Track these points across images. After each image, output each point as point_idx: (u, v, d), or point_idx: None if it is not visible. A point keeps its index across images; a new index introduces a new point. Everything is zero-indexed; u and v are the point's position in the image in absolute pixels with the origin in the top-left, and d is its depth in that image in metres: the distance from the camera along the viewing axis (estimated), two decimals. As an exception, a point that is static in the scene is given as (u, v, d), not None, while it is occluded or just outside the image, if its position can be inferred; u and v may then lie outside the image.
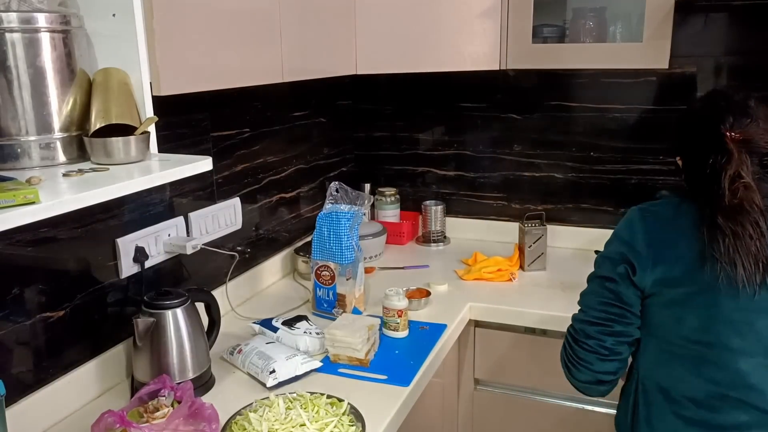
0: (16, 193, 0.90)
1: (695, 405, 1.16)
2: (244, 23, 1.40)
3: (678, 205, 1.25)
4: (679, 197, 1.28)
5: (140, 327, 1.35)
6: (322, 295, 1.80)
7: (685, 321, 1.17)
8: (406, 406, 1.42)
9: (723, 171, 1.15)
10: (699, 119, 1.25)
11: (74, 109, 1.15)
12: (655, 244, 1.21)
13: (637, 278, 1.21)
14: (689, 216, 1.20)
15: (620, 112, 2.19)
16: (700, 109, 1.28)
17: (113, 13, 1.16)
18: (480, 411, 1.96)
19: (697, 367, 1.16)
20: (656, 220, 1.24)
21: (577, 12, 2.05)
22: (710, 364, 1.15)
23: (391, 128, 2.51)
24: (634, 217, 1.27)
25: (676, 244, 1.19)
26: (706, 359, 1.15)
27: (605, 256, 1.29)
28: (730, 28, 2.02)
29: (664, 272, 1.18)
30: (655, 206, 1.28)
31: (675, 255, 1.18)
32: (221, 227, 1.82)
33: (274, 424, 1.23)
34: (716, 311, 1.13)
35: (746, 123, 1.17)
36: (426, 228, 2.42)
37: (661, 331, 1.21)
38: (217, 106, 1.76)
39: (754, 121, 1.17)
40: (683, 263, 1.17)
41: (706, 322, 1.15)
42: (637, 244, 1.23)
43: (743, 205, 1.13)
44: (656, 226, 1.23)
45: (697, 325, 1.15)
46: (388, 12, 1.93)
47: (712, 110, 1.22)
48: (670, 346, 1.20)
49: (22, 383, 1.29)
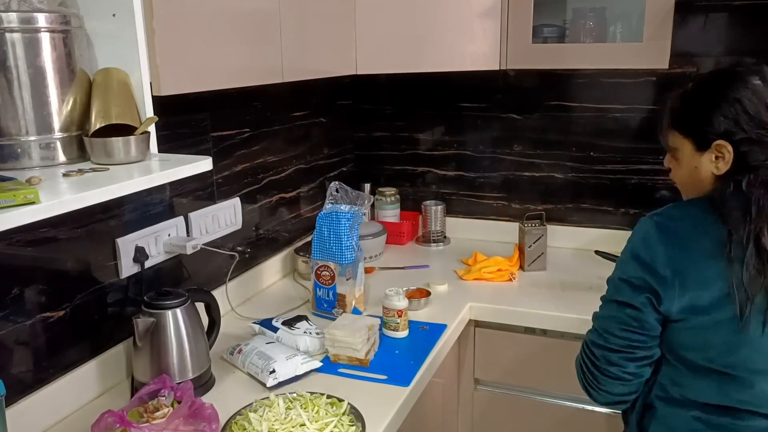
0: (16, 193, 0.90)
1: (717, 414, 1.13)
2: (244, 23, 1.40)
3: (696, 216, 1.14)
4: (694, 205, 1.16)
5: (140, 327, 1.35)
6: (322, 295, 1.80)
7: (711, 344, 1.11)
8: (406, 406, 1.42)
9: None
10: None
11: (74, 109, 1.15)
12: (680, 270, 1.10)
13: (663, 307, 1.12)
14: (714, 233, 1.09)
15: (620, 112, 2.19)
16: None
17: (113, 13, 1.16)
18: (480, 411, 1.96)
19: (721, 385, 1.12)
20: (677, 237, 1.12)
21: (577, 12, 2.05)
22: (735, 383, 1.11)
23: (391, 128, 2.51)
24: (651, 234, 1.13)
25: (702, 267, 1.10)
26: (731, 379, 1.11)
27: (624, 279, 1.16)
28: (730, 28, 2.02)
29: (691, 300, 1.10)
30: (672, 220, 1.15)
31: (702, 280, 1.09)
32: (221, 227, 1.82)
33: (274, 424, 1.23)
34: (744, 336, 1.08)
35: None
36: (426, 228, 2.42)
37: (684, 350, 1.15)
38: (217, 106, 1.76)
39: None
40: (711, 290, 1.09)
41: (732, 346, 1.10)
42: (659, 267, 1.11)
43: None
44: (678, 245, 1.11)
45: (724, 349, 1.10)
46: (388, 12, 1.93)
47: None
48: (694, 364, 1.14)
49: (22, 383, 1.29)
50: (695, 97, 1.15)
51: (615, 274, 1.20)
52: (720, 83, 1.12)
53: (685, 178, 1.20)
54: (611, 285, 1.21)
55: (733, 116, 1.09)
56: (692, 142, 1.15)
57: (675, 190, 2.20)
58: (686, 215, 1.15)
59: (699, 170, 1.16)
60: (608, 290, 1.22)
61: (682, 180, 1.22)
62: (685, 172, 1.20)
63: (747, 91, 1.09)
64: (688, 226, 1.13)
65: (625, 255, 1.18)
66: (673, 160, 1.22)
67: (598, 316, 1.23)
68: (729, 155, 1.10)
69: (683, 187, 1.24)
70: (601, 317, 1.22)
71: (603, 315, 1.21)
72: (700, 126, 1.13)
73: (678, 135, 1.18)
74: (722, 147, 1.10)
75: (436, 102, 2.42)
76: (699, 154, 1.15)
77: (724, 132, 1.10)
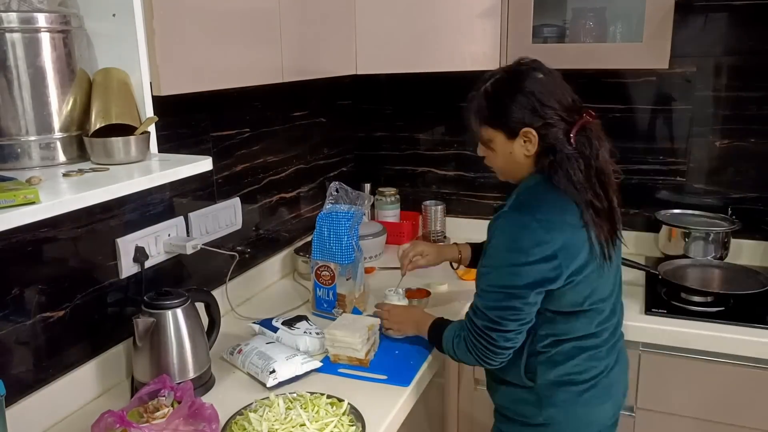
0: (16, 193, 0.90)
1: (586, 339, 1.36)
2: (244, 23, 1.40)
3: (552, 198, 1.30)
4: (542, 187, 1.32)
5: (140, 327, 1.35)
6: (322, 295, 1.80)
7: (582, 294, 1.32)
8: (406, 406, 1.42)
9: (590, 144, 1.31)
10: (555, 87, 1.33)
11: (74, 109, 1.15)
12: (564, 249, 1.26)
13: (554, 286, 1.28)
14: (567, 206, 1.29)
15: (620, 112, 2.19)
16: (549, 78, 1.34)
17: (113, 13, 1.16)
18: (480, 411, 1.96)
19: (589, 319, 1.35)
20: (552, 223, 1.27)
21: (577, 12, 2.05)
22: (595, 313, 1.35)
23: (391, 128, 2.51)
24: (534, 228, 1.26)
25: (575, 239, 1.28)
26: (594, 312, 1.35)
27: (526, 272, 1.27)
28: (730, 28, 2.02)
29: (573, 268, 1.28)
30: (543, 210, 1.28)
31: (576, 248, 1.28)
32: (221, 227, 1.82)
33: (274, 424, 1.23)
34: (600, 279, 1.33)
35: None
36: (426, 228, 2.42)
37: (562, 306, 1.32)
38: (217, 106, 1.76)
39: None
40: (582, 253, 1.28)
41: (595, 289, 1.33)
42: (551, 257, 1.26)
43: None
44: (557, 229, 1.27)
45: (590, 293, 1.32)
46: (389, 12, 1.93)
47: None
48: (569, 312, 1.33)
49: (22, 383, 1.29)
50: (497, 95, 1.33)
51: (502, 270, 1.29)
52: (514, 80, 1.32)
53: (503, 163, 1.38)
54: (499, 274, 1.30)
55: (531, 106, 1.29)
56: (503, 133, 1.34)
57: (675, 189, 2.21)
58: (546, 200, 1.30)
59: (513, 155, 1.34)
60: (493, 279, 1.31)
61: (500, 165, 1.40)
62: (501, 159, 1.37)
63: (537, 84, 1.30)
64: (556, 210, 1.29)
65: (515, 254, 1.27)
66: (488, 150, 1.39)
67: (488, 306, 1.31)
68: (534, 138, 1.30)
69: (502, 171, 1.42)
70: (492, 308, 1.30)
71: (493, 306, 1.30)
72: (507, 118, 1.32)
73: (489, 129, 1.35)
74: (527, 133, 1.31)
75: (436, 102, 2.42)
76: (510, 142, 1.33)
77: (526, 120, 1.30)
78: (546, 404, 1.37)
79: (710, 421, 1.73)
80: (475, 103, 1.36)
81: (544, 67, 1.35)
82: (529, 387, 1.38)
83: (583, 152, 1.30)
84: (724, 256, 2.05)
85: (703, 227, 2.06)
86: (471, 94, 1.38)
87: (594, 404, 1.38)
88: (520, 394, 1.40)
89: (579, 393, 1.36)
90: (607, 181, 1.32)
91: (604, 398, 1.39)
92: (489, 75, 1.37)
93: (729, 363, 1.68)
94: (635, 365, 1.76)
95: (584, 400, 1.37)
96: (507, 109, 1.31)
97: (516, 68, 1.35)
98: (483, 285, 1.33)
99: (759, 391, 1.67)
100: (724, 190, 2.13)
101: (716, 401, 1.72)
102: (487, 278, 1.32)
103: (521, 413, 1.41)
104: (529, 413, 1.39)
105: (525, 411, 1.40)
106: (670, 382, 1.75)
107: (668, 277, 1.89)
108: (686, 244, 2.05)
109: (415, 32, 1.94)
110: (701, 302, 1.81)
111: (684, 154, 2.15)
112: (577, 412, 1.37)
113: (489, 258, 1.32)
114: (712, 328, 1.69)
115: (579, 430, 1.40)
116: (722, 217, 2.09)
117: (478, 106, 1.36)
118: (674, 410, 1.76)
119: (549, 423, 1.38)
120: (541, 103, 1.30)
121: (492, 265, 1.31)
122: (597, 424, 1.41)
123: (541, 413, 1.38)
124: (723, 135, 2.09)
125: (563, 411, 1.37)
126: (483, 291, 1.33)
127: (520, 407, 1.41)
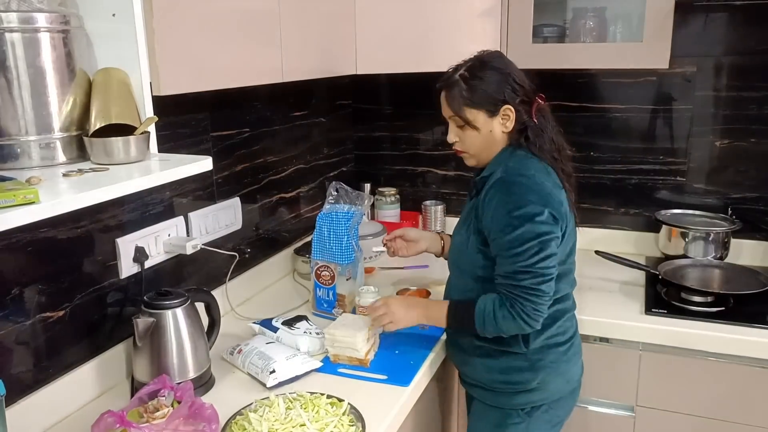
0: (16, 193, 0.90)
1: (563, 301, 1.50)
2: (244, 23, 1.40)
3: (537, 165, 1.43)
4: (526, 158, 1.43)
5: (140, 327, 1.35)
6: (322, 295, 1.80)
7: (566, 252, 1.46)
8: (406, 406, 1.42)
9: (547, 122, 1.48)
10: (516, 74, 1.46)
11: (74, 109, 1.15)
12: (558, 206, 1.39)
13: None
14: (550, 173, 1.44)
15: (620, 112, 2.19)
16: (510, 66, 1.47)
17: (113, 13, 1.16)
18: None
19: (567, 280, 1.50)
20: (547, 186, 1.39)
21: (577, 12, 2.05)
22: (571, 274, 1.51)
23: (391, 128, 2.51)
24: (542, 189, 1.38)
25: (561, 199, 1.42)
26: (568, 271, 1.50)
27: (546, 217, 1.37)
28: (730, 28, 2.02)
29: (564, 225, 1.41)
30: (536, 171, 1.41)
31: (564, 208, 1.42)
32: (221, 227, 1.82)
33: (274, 424, 1.23)
34: (574, 238, 1.49)
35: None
36: (426, 228, 2.42)
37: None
38: (217, 106, 1.76)
39: None
40: (567, 213, 1.43)
41: (572, 248, 1.48)
42: (557, 211, 1.39)
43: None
44: (553, 191, 1.40)
45: (570, 252, 1.48)
46: (388, 12, 1.93)
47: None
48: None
49: (22, 383, 1.29)
50: (476, 77, 1.43)
51: (525, 225, 1.36)
52: (490, 63, 1.44)
53: (482, 142, 1.46)
54: (524, 230, 1.35)
55: (509, 84, 1.43)
56: (485, 112, 1.43)
57: (675, 189, 2.21)
58: (532, 164, 1.42)
59: (493, 132, 1.45)
60: (520, 236, 1.36)
61: (478, 145, 1.47)
62: (481, 137, 1.46)
63: (510, 66, 1.45)
64: (543, 171, 1.42)
65: (531, 206, 1.36)
66: (467, 131, 1.46)
67: (528, 263, 1.36)
68: (512, 114, 1.43)
69: (479, 151, 1.48)
70: (533, 262, 1.36)
71: (534, 260, 1.36)
72: (489, 96, 1.42)
73: (472, 110, 1.44)
74: (507, 110, 1.43)
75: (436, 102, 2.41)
76: (491, 120, 1.44)
77: (507, 98, 1.42)
78: (538, 367, 1.46)
79: (710, 421, 1.73)
80: (455, 89, 1.44)
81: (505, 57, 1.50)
82: (522, 353, 1.45)
83: (543, 128, 1.46)
84: (724, 256, 2.05)
85: (703, 227, 2.06)
86: (440, 84, 1.48)
87: (573, 362, 1.52)
88: (513, 362, 1.46)
89: (563, 353, 1.48)
90: (567, 156, 1.50)
91: (579, 355, 1.56)
92: (458, 65, 1.47)
93: (729, 363, 1.68)
94: (635, 365, 1.76)
95: (567, 358, 1.49)
96: (488, 88, 1.42)
97: (485, 55, 1.47)
98: (510, 247, 1.37)
99: (759, 391, 1.67)
100: (724, 190, 2.13)
101: (716, 401, 1.72)
102: (512, 239, 1.36)
103: (515, 381, 1.47)
104: (524, 379, 1.46)
105: (519, 378, 1.47)
106: (670, 382, 1.75)
107: (668, 277, 1.89)
108: (686, 244, 2.05)
109: (415, 32, 1.94)
110: (701, 302, 1.81)
111: (684, 154, 2.15)
112: (562, 370, 1.49)
113: (503, 221, 1.37)
114: (712, 328, 1.69)
115: (562, 388, 1.51)
116: (722, 217, 2.09)
117: (457, 90, 1.43)
118: (674, 410, 1.76)
119: (540, 386, 1.47)
120: (515, 81, 1.43)
121: (512, 225, 1.36)
122: (573, 381, 1.54)
123: (536, 377, 1.46)
124: (723, 135, 2.09)
125: (552, 372, 1.47)
126: (514, 253, 1.36)
127: (515, 375, 1.47)
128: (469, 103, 1.43)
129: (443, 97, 1.48)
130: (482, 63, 1.45)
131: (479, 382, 1.53)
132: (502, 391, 1.50)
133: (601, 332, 1.77)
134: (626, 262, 1.93)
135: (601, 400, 1.82)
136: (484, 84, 1.42)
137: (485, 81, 1.42)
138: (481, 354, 1.49)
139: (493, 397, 1.52)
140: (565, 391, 1.52)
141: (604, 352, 1.78)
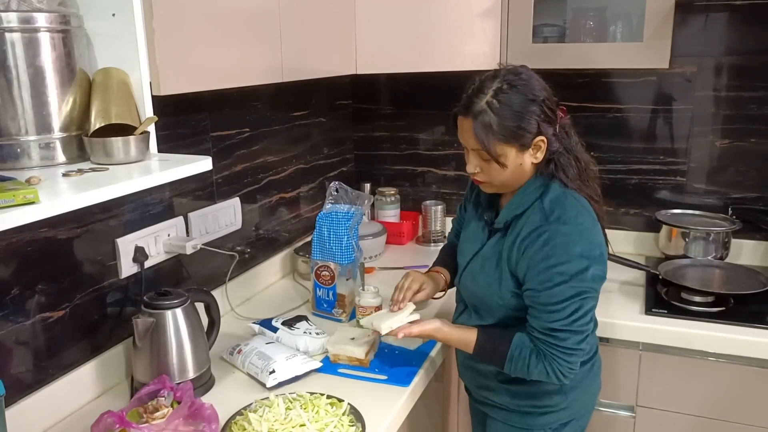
0: (15, 193, 0.90)
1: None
2: (244, 23, 1.40)
3: (575, 203, 1.31)
4: (562, 194, 1.31)
5: (140, 327, 1.35)
6: (322, 295, 1.80)
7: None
8: (406, 406, 1.42)
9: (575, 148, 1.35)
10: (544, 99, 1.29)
11: (74, 109, 1.15)
12: (604, 248, 1.32)
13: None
14: (587, 206, 1.33)
15: (620, 112, 2.19)
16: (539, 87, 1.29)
17: (113, 13, 1.16)
18: (480, 411, 1.95)
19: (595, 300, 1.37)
20: (594, 228, 1.30)
21: (577, 12, 2.05)
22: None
23: (391, 128, 2.51)
24: (591, 233, 1.29)
25: (601, 234, 1.33)
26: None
27: (591, 273, 1.26)
28: (730, 28, 2.02)
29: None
30: (582, 217, 1.29)
31: (604, 241, 1.34)
32: (221, 227, 1.82)
33: (274, 425, 1.23)
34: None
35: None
36: (426, 228, 2.42)
37: None
38: (217, 106, 1.76)
39: None
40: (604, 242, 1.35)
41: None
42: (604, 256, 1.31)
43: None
44: (597, 230, 1.32)
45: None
46: (388, 12, 1.93)
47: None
48: None
49: (22, 383, 1.29)
50: (508, 109, 1.24)
51: (568, 282, 1.24)
52: (521, 89, 1.25)
53: (509, 175, 1.31)
54: (567, 286, 1.24)
55: (543, 114, 1.26)
56: (516, 147, 1.27)
57: (675, 189, 2.21)
58: (572, 206, 1.29)
59: (523, 165, 1.30)
60: (562, 293, 1.25)
61: (505, 179, 1.32)
62: (509, 172, 1.30)
63: (542, 90, 1.27)
64: (584, 212, 1.30)
65: (576, 261, 1.24)
66: (488, 165, 1.30)
67: (569, 320, 1.26)
68: (545, 145, 1.29)
69: (504, 184, 1.34)
70: (573, 320, 1.26)
71: (574, 318, 1.26)
72: (521, 132, 1.25)
73: (504, 146, 1.26)
74: (540, 142, 1.28)
75: (436, 102, 2.42)
76: (522, 154, 1.28)
77: (541, 130, 1.27)
78: (568, 389, 1.41)
79: (710, 421, 1.73)
80: (481, 119, 1.24)
81: (530, 70, 1.32)
82: None
83: (568, 148, 1.33)
84: (725, 256, 2.05)
85: (703, 227, 2.06)
86: (461, 111, 1.28)
87: (596, 376, 1.49)
88: (543, 387, 1.39)
89: (588, 370, 1.44)
90: (593, 175, 1.38)
91: (599, 369, 1.51)
92: (480, 86, 1.27)
93: (729, 363, 1.68)
94: (636, 365, 1.76)
95: (593, 374, 1.47)
96: (521, 121, 1.24)
97: (512, 77, 1.27)
98: (547, 303, 1.26)
99: (759, 391, 1.67)
100: (724, 190, 2.13)
101: (717, 401, 1.71)
102: (551, 295, 1.25)
103: (544, 405, 1.42)
104: (553, 402, 1.42)
105: (549, 402, 1.42)
106: (670, 382, 1.74)
107: (668, 277, 1.89)
108: (686, 244, 2.05)
109: (415, 32, 1.94)
110: (701, 302, 1.80)
111: (684, 154, 2.15)
112: (587, 385, 1.46)
113: (542, 276, 1.25)
114: (713, 328, 1.69)
115: (588, 403, 1.49)
116: (722, 217, 2.09)
117: (484, 121, 1.24)
118: (674, 410, 1.76)
119: (571, 405, 1.43)
120: (550, 108, 1.27)
121: (552, 281, 1.24)
122: (596, 393, 1.52)
123: (566, 398, 1.42)
124: (723, 135, 2.09)
125: (581, 390, 1.43)
126: (552, 310, 1.26)
127: (544, 400, 1.41)
128: (501, 138, 1.25)
129: (465, 125, 1.28)
130: (511, 86, 1.25)
131: (501, 405, 1.46)
132: (529, 413, 1.43)
133: (602, 332, 1.76)
134: (626, 262, 1.93)
135: (601, 400, 1.82)
136: (515, 116, 1.23)
137: (516, 111, 1.23)
138: (505, 380, 1.41)
139: (518, 418, 1.45)
140: (591, 404, 1.50)
141: (604, 352, 1.76)
